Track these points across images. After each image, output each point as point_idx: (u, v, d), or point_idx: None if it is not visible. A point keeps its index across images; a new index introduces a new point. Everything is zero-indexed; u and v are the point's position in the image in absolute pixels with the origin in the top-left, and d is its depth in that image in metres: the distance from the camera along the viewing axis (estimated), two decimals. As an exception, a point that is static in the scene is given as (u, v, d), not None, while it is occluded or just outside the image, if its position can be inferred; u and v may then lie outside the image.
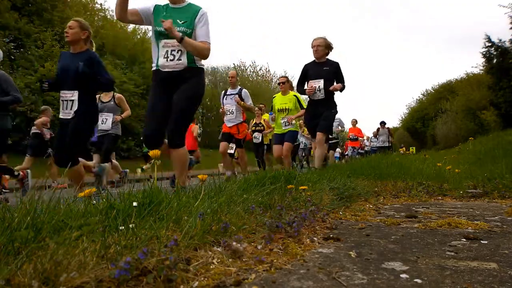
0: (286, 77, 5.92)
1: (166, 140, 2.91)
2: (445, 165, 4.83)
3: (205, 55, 2.88)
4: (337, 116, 7.31)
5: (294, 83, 5.37)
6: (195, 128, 7.64)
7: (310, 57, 4.92)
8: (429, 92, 37.77)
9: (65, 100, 3.24)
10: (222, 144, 5.98)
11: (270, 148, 7.44)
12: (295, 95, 5.70)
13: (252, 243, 1.25)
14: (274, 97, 5.98)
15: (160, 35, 2.84)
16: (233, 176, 5.24)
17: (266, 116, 6.97)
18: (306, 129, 7.88)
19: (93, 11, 16.14)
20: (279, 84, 5.97)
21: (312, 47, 4.69)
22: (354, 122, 12.82)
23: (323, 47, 4.62)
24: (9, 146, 11.79)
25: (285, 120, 5.55)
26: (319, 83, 4.56)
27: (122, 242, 1.01)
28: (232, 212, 1.48)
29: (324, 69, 4.62)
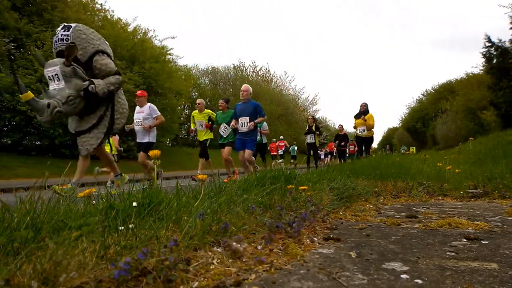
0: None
1: None
2: (445, 165, 4.83)
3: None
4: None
5: (294, 82, 5.55)
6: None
7: (308, 58, 4.90)
8: (429, 92, 37.83)
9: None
10: None
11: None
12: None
13: (252, 243, 1.25)
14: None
15: None
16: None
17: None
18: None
19: (93, 11, 16.12)
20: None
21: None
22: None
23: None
24: (9, 146, 11.79)
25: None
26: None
27: (122, 242, 1.01)
28: (232, 212, 1.48)
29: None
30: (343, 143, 13.10)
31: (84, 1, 15.61)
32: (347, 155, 13.19)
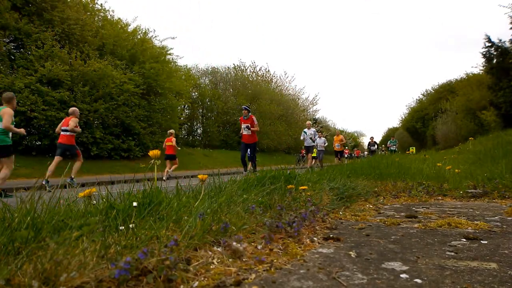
0: None
1: None
2: (445, 165, 4.83)
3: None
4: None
5: (294, 82, 5.50)
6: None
7: (308, 58, 4.91)
8: (429, 92, 37.85)
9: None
10: None
11: None
12: None
13: (252, 243, 1.25)
14: None
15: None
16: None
17: None
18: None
19: (93, 11, 16.09)
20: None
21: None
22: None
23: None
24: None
25: None
26: None
27: (122, 242, 1.01)
28: (232, 212, 1.48)
29: None
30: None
31: (84, 1, 15.59)
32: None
